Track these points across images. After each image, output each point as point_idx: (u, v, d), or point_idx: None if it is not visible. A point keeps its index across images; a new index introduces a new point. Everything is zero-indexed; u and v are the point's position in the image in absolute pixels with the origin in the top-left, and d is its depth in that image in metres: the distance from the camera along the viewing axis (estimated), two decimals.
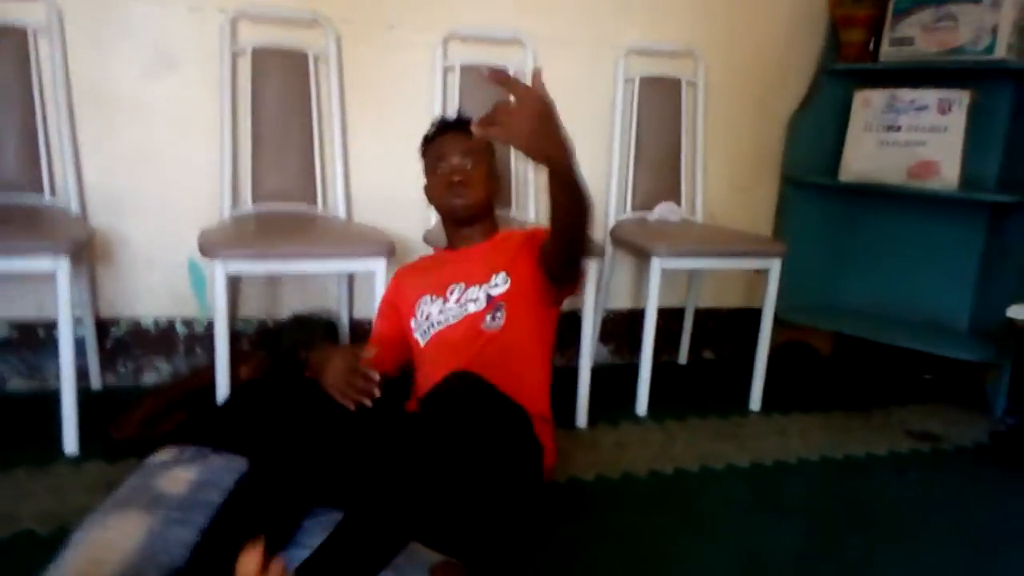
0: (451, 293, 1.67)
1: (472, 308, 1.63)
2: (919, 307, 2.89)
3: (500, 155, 1.86)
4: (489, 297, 1.63)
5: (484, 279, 1.66)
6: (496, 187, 1.78)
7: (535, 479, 1.53)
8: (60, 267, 1.78)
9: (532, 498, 1.56)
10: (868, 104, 2.86)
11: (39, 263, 1.78)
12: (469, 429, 1.25)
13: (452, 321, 1.64)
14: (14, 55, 2.08)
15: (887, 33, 2.80)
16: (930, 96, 2.72)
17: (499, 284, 1.64)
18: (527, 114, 1.22)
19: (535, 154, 1.26)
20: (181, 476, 1.46)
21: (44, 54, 2.11)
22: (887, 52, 2.80)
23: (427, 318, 1.67)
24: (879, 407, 2.58)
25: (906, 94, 2.77)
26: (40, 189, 2.12)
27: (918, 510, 1.89)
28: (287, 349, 2.12)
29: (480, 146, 1.71)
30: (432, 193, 1.77)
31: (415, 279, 1.78)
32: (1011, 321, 2.37)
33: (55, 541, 1.41)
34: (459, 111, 1.89)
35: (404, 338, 1.75)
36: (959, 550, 1.72)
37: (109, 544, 1.27)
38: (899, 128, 2.78)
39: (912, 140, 2.75)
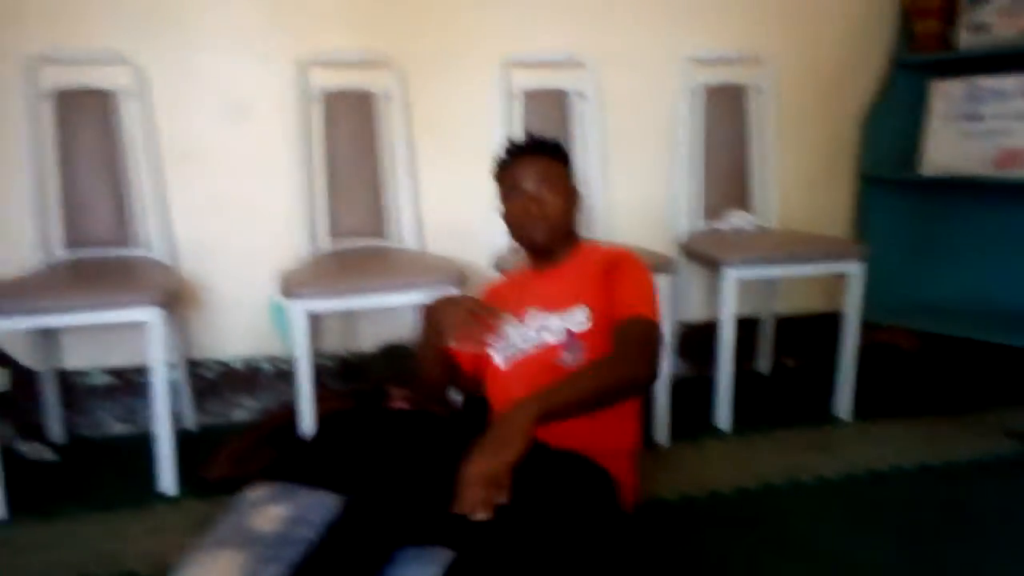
0: (530, 318, 1.61)
1: (549, 338, 1.57)
2: (1010, 301, 2.77)
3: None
4: (568, 332, 1.56)
5: (562, 307, 1.59)
6: (577, 207, 1.70)
7: (617, 524, 1.52)
8: (153, 317, 1.88)
9: (615, 540, 1.53)
10: (947, 95, 2.76)
11: (134, 314, 1.88)
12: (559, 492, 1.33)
13: (530, 349, 1.59)
14: (103, 117, 2.22)
15: (963, 20, 2.71)
16: (1011, 83, 2.61)
17: (580, 320, 1.56)
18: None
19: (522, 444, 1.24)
20: (273, 513, 1.50)
21: (130, 114, 2.24)
22: (965, 39, 2.71)
23: (508, 342, 1.64)
24: (974, 408, 2.48)
25: (986, 82, 2.67)
26: (132, 243, 2.25)
27: (1022, 516, 1.81)
28: (376, 380, 2.16)
29: (556, 168, 1.65)
30: (508, 222, 1.68)
31: (501, 298, 1.73)
32: None
33: None
34: (533, 133, 1.78)
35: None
36: None
37: None
38: (982, 118, 2.68)
39: (996, 129, 2.64)
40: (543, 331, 1.59)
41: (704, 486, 1.95)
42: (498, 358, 1.66)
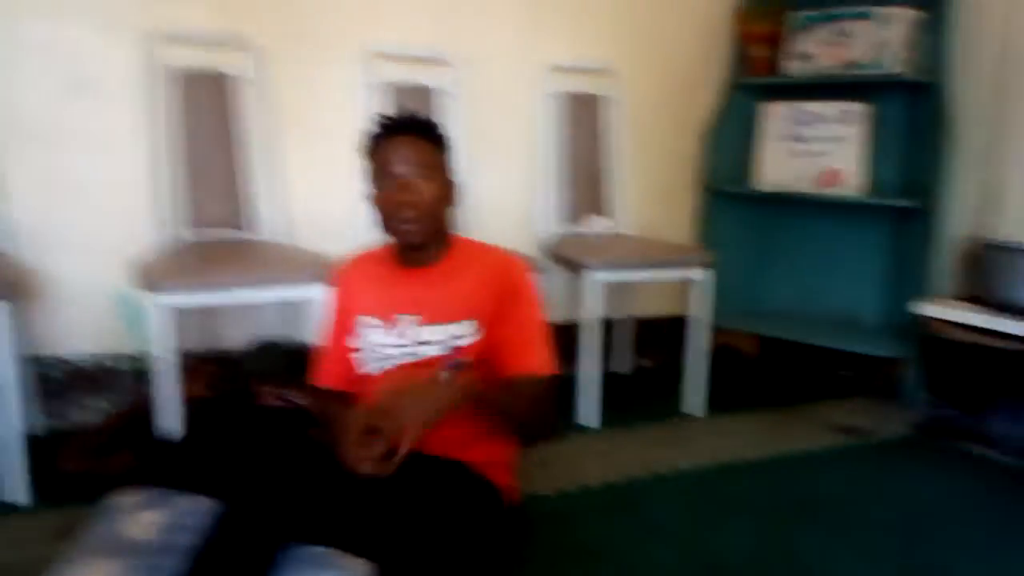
0: (401, 326, 1.48)
1: (429, 351, 1.45)
2: (834, 307, 3.08)
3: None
4: (451, 346, 1.45)
5: (443, 318, 1.45)
6: (452, 199, 1.50)
7: (496, 522, 1.51)
8: None
9: (495, 536, 1.52)
10: (775, 116, 3.03)
11: None
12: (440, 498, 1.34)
13: (406, 361, 1.47)
14: None
15: (788, 49, 2.96)
16: (830, 109, 2.90)
17: (466, 335, 1.45)
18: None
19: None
20: (147, 520, 1.43)
21: None
22: (790, 67, 2.96)
23: (374, 349, 1.50)
24: (805, 404, 2.75)
25: (809, 107, 2.95)
26: None
27: (853, 501, 2.03)
28: (246, 377, 2.08)
29: (432, 152, 1.45)
30: (376, 208, 1.46)
31: (361, 286, 1.56)
32: (916, 316, 2.55)
33: None
34: (410, 111, 1.56)
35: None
36: (894, 534, 1.85)
37: None
38: (805, 139, 2.95)
39: (817, 151, 2.93)
40: (423, 345, 1.46)
41: (575, 480, 2.05)
42: (366, 365, 1.54)
